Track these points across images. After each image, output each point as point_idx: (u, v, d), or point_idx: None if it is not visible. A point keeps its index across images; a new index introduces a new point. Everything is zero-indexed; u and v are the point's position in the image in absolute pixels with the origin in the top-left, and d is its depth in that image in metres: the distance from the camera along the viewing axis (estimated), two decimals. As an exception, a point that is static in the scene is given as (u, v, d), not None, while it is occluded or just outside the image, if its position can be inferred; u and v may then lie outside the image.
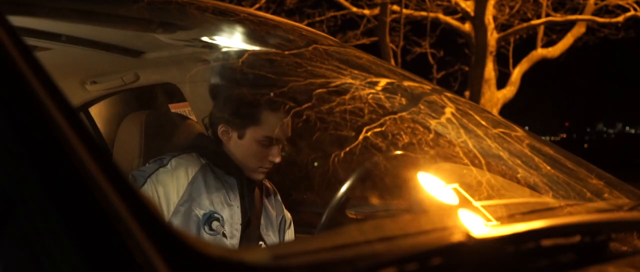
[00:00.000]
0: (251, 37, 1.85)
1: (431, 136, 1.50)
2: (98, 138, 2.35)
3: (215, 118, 1.74)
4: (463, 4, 9.94)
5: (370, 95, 1.61)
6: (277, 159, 1.72)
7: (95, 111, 2.39)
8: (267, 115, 1.69)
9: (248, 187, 1.74)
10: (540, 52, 11.10)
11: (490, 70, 9.87)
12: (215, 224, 1.61)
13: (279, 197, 1.91)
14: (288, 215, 1.91)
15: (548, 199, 1.33)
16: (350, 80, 1.64)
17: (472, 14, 9.81)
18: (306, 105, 1.61)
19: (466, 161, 1.38)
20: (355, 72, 1.67)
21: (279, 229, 1.85)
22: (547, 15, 10.68)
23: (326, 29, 11.18)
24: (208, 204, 1.62)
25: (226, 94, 1.76)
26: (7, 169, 0.55)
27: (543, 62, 11.29)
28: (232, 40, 1.89)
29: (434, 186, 1.31)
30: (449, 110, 1.58)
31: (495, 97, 10.14)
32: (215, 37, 1.95)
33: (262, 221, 1.78)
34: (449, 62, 12.04)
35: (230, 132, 1.71)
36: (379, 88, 1.65)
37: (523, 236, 0.86)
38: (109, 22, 1.77)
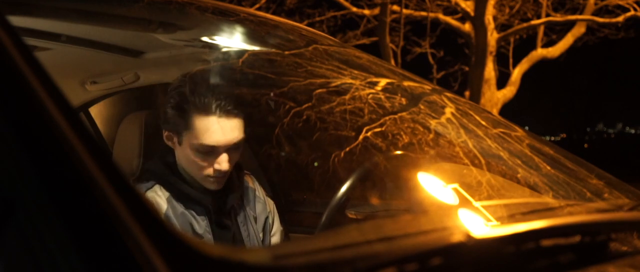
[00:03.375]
0: (251, 37, 1.85)
1: (431, 135, 1.50)
2: (98, 138, 2.35)
3: (160, 122, 1.59)
4: (463, 4, 9.94)
5: (370, 95, 1.61)
6: (224, 167, 1.51)
7: (95, 111, 2.39)
8: (198, 119, 1.48)
9: (219, 210, 1.60)
10: (540, 52, 11.10)
11: (490, 70, 9.87)
12: None
13: (259, 192, 1.76)
14: (271, 206, 1.78)
15: (548, 199, 1.33)
16: (350, 80, 1.64)
17: (472, 14, 9.81)
18: (306, 105, 1.61)
19: (466, 161, 1.38)
20: (355, 72, 1.67)
21: (264, 231, 1.75)
22: (547, 15, 10.68)
23: (326, 29, 11.18)
24: None
25: (167, 94, 1.59)
26: (7, 169, 0.55)
27: (543, 62, 11.29)
28: (232, 40, 1.89)
29: (434, 186, 1.31)
30: (449, 110, 1.58)
31: (495, 97, 10.15)
32: (215, 37, 1.94)
33: (245, 235, 1.66)
34: (449, 62, 12.05)
35: (173, 137, 1.55)
36: (379, 88, 1.65)
37: (523, 236, 0.86)
38: (109, 22, 1.77)
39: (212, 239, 1.58)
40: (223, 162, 1.51)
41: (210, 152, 1.51)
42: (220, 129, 1.49)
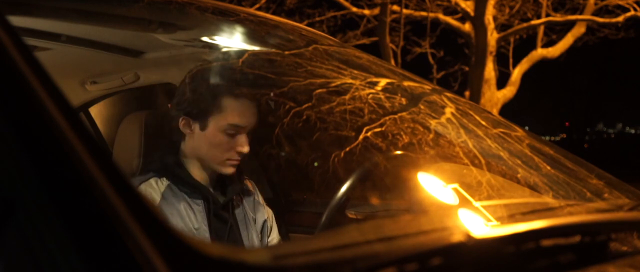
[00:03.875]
0: (251, 37, 1.85)
1: (431, 135, 1.50)
2: (98, 138, 2.35)
3: (175, 112, 1.65)
4: (463, 4, 9.94)
5: (370, 95, 1.61)
6: (245, 149, 1.62)
7: (95, 111, 2.39)
8: (229, 102, 1.61)
9: (217, 202, 1.65)
10: (540, 52, 11.10)
11: (490, 70, 9.87)
12: None
13: (259, 198, 1.81)
14: (269, 213, 1.83)
15: (548, 199, 1.33)
16: (350, 80, 1.64)
17: (472, 14, 9.81)
18: (306, 105, 1.61)
19: (466, 161, 1.38)
20: (355, 72, 1.67)
21: (262, 233, 1.77)
22: (547, 15, 10.68)
23: (326, 29, 11.18)
24: None
25: (183, 85, 1.67)
26: (7, 169, 0.55)
27: (543, 62, 11.29)
28: (232, 40, 1.89)
29: (434, 186, 1.31)
30: (449, 110, 1.58)
31: (495, 97, 10.15)
32: (215, 37, 1.94)
33: (244, 235, 1.69)
34: (449, 62, 12.05)
35: (192, 124, 1.63)
36: (379, 88, 1.65)
37: (523, 236, 0.86)
38: (109, 22, 1.77)
39: (208, 232, 1.60)
40: (244, 145, 1.62)
41: (236, 133, 1.61)
42: (249, 110, 1.63)
